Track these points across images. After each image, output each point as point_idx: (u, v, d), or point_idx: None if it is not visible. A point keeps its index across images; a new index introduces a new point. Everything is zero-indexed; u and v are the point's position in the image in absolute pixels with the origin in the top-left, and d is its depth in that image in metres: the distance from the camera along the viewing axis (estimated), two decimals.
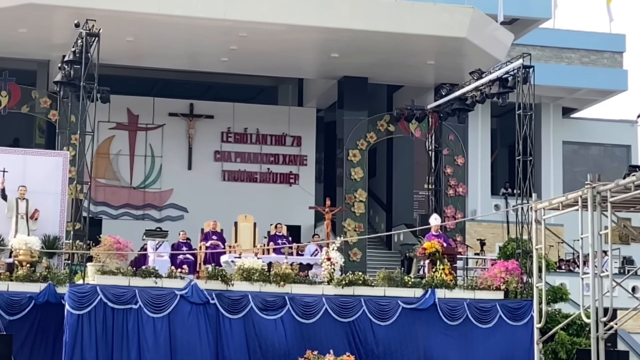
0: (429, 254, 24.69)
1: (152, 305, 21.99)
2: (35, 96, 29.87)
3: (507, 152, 37.87)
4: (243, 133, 34.33)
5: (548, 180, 37.81)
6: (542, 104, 37.46)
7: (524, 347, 23.67)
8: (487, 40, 29.39)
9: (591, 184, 18.91)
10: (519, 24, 35.25)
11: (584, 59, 38.21)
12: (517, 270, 24.54)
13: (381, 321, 23.30)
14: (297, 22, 27.61)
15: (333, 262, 23.88)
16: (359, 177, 31.33)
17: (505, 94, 26.94)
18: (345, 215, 30.76)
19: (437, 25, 28.33)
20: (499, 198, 37.25)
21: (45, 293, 22.28)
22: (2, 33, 28.35)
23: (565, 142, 38.60)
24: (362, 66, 30.92)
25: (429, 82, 32.48)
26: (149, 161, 33.64)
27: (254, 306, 22.59)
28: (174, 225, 31.14)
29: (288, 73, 33.53)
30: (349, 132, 31.51)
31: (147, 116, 33.67)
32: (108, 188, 33.13)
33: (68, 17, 25.76)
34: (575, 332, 24.54)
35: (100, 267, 22.26)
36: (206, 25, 27.46)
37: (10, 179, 24.55)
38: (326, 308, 23.04)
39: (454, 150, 31.94)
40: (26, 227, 24.21)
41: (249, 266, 23.19)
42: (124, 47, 28.75)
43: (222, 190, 33.73)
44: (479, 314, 23.81)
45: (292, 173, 34.60)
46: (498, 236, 34.42)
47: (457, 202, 31.80)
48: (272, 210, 31.99)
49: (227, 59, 30.38)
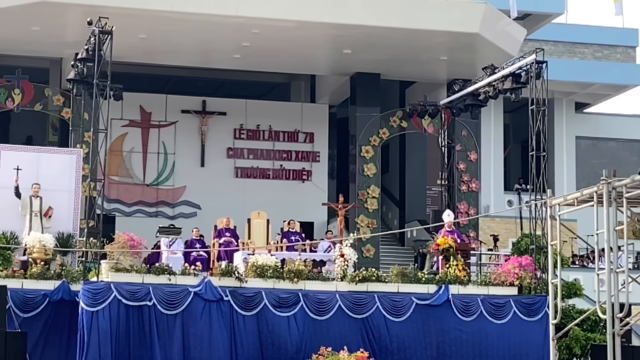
0: (443, 250, 24.66)
1: (166, 302, 22.00)
2: (49, 94, 29.99)
3: (520, 148, 37.80)
4: (255, 130, 34.34)
5: (561, 176, 37.71)
6: (555, 99, 37.36)
7: (538, 343, 23.62)
8: (499, 35, 29.34)
9: (607, 179, 18.83)
10: (532, 19, 35.16)
11: (597, 54, 38.10)
12: (530, 266, 24.48)
13: (395, 317, 23.27)
14: (310, 18, 27.62)
15: (346, 258, 23.84)
16: (371, 173, 31.35)
17: (518, 90, 26.86)
18: (358, 211, 30.79)
19: (450, 20, 28.30)
20: (512, 194, 37.19)
21: (59, 290, 22.30)
22: (16, 31, 28.42)
23: (578, 137, 38.47)
24: (374, 62, 30.91)
25: (441, 78, 32.44)
26: (162, 158, 33.67)
27: (267, 303, 22.58)
28: (187, 222, 31.17)
29: (300, 69, 33.54)
30: (361, 128, 31.54)
31: (160, 113, 33.69)
32: (121, 185, 33.19)
33: (81, 14, 25.82)
34: (590, 328, 24.47)
35: (114, 264, 22.29)
36: (218, 22, 27.49)
37: (24, 177, 24.59)
38: (340, 304, 23.01)
39: (466, 146, 31.92)
40: (40, 225, 24.24)
41: (263, 263, 23.21)
42: (137, 45, 28.80)
43: (235, 187, 33.75)
44: (493, 309, 23.76)
45: (305, 169, 34.59)
46: (511, 232, 34.36)
47: (470, 198, 31.80)
48: (285, 207, 31.97)
49: (239, 55, 30.40)
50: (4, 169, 24.71)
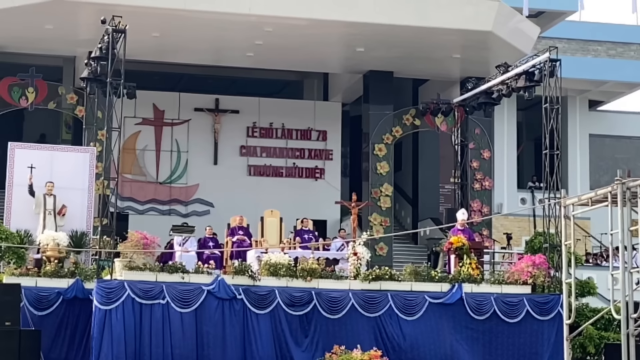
0: (456, 248, 24.63)
1: (179, 300, 22.04)
2: (62, 92, 30.05)
3: (533, 146, 37.72)
4: (268, 128, 34.31)
5: (575, 174, 37.61)
6: (569, 97, 37.25)
7: (551, 342, 23.61)
8: (513, 33, 29.26)
9: (621, 179, 18.79)
10: (545, 17, 35.05)
11: (610, 52, 37.97)
12: (544, 264, 24.44)
13: (408, 316, 23.25)
14: (323, 16, 27.58)
15: (359, 256, 23.84)
16: (384, 171, 31.33)
17: (532, 88, 26.81)
18: (371, 209, 30.77)
19: (463, 18, 28.23)
20: (525, 192, 37.10)
21: (73, 288, 22.35)
22: (29, 29, 28.48)
23: (591, 135, 38.36)
24: (387, 60, 30.87)
25: (454, 76, 32.38)
26: (175, 156, 33.68)
27: (280, 301, 22.60)
28: (200, 220, 31.20)
29: (313, 67, 33.51)
30: (374, 126, 31.51)
31: (173, 111, 33.70)
32: (134, 183, 33.20)
33: (94, 13, 25.86)
34: (603, 326, 24.40)
35: (128, 262, 22.34)
36: (231, 20, 27.48)
37: (37, 175, 24.63)
38: (353, 303, 23.01)
39: (480, 144, 31.88)
40: (54, 223, 24.28)
41: (276, 261, 23.22)
42: (150, 43, 28.83)
43: (248, 185, 33.73)
44: (506, 308, 23.73)
45: (318, 167, 34.56)
46: (524, 230, 34.30)
47: (483, 196, 31.75)
48: (298, 205, 31.97)
49: (252, 53, 30.40)
50: (18, 167, 24.78)
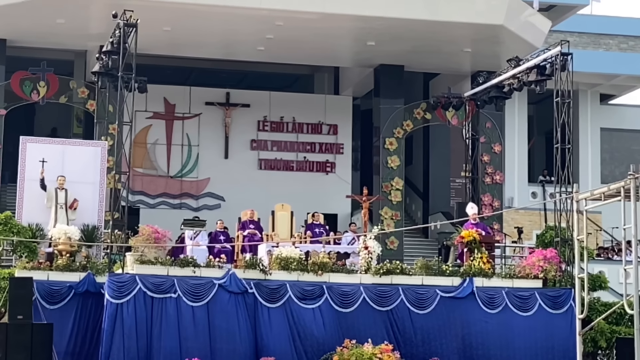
0: (467, 242, 24.61)
1: (190, 294, 22.08)
2: (73, 86, 30.10)
3: (544, 139, 37.64)
4: (279, 121, 34.31)
5: (586, 168, 37.54)
6: (580, 91, 37.16)
7: (563, 335, 23.56)
8: (524, 27, 29.20)
9: (634, 174, 18.77)
10: (556, 11, 34.97)
11: (622, 45, 37.86)
12: (555, 258, 24.39)
13: (419, 310, 23.26)
14: (333, 10, 27.56)
15: (370, 250, 23.84)
16: (395, 165, 31.32)
17: (543, 82, 26.74)
18: (382, 203, 30.77)
19: (474, 12, 28.19)
20: (536, 185, 37.03)
21: (84, 282, 22.42)
22: (40, 24, 28.53)
23: (603, 129, 38.27)
24: (398, 54, 30.83)
25: (465, 70, 32.33)
26: (186, 150, 33.71)
27: (292, 295, 22.62)
28: (211, 214, 31.22)
29: (324, 61, 33.51)
30: (385, 120, 31.50)
31: (184, 105, 33.73)
32: (145, 177, 33.23)
33: (105, 7, 25.88)
34: (615, 321, 24.37)
35: (139, 256, 22.38)
36: (242, 14, 27.48)
37: (49, 169, 24.71)
38: (364, 297, 23.03)
39: (490, 138, 31.85)
40: (65, 217, 24.34)
41: (287, 255, 23.23)
42: (161, 37, 28.84)
43: (259, 179, 33.74)
44: (518, 302, 23.72)
45: (329, 161, 34.55)
46: (535, 224, 34.23)
47: (494, 190, 31.72)
48: (308, 199, 31.98)
49: (263, 47, 30.39)
50: (30, 161, 24.86)
